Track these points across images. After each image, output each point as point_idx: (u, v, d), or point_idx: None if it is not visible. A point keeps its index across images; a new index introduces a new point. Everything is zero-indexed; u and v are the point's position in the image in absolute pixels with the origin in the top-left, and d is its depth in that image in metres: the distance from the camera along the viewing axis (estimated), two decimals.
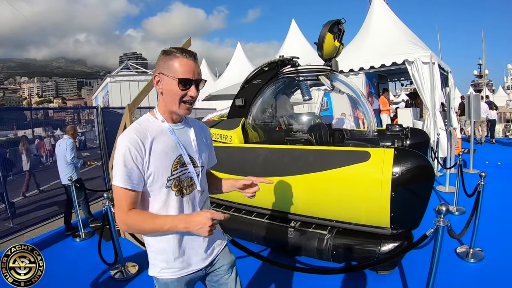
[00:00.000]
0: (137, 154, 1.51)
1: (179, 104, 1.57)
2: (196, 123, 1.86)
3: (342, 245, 3.39)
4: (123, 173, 1.50)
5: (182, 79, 1.52)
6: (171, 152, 1.61)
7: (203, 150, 1.80)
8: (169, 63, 1.55)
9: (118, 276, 4.00)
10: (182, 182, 1.65)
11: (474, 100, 8.56)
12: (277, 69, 4.74)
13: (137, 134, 1.54)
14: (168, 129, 1.64)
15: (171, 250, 1.65)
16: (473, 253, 3.80)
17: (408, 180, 3.05)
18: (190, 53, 1.56)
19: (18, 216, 6.79)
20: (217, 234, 1.78)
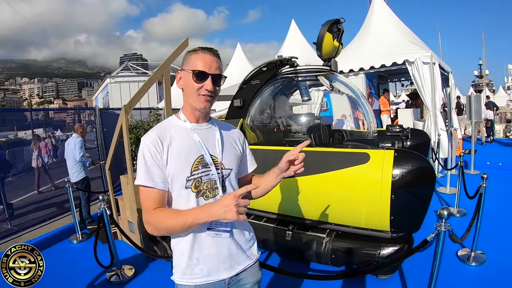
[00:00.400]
0: (156, 153, 1.50)
1: (196, 97, 1.55)
2: (225, 126, 1.80)
3: (341, 249, 3.33)
4: (144, 171, 1.50)
5: (197, 71, 1.51)
6: (192, 151, 1.56)
7: (230, 153, 1.69)
8: (188, 59, 1.56)
9: (114, 279, 3.97)
10: (204, 183, 1.57)
11: (475, 100, 8.51)
12: (275, 70, 4.69)
13: (156, 133, 1.55)
14: (189, 128, 1.60)
15: (190, 254, 1.56)
16: (474, 256, 3.75)
17: (409, 182, 2.99)
18: (209, 49, 1.57)
19: (16, 218, 6.78)
20: (246, 245, 1.69)
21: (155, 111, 9.06)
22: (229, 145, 1.71)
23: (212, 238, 1.56)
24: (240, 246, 1.65)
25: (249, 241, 1.73)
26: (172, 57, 4.62)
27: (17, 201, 7.89)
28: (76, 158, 5.86)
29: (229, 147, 1.70)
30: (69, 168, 6.00)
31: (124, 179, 4.61)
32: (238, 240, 1.64)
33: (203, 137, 1.61)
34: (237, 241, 1.63)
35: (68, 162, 6.02)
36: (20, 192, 8.80)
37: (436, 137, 7.71)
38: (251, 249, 1.73)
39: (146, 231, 1.52)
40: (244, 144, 1.84)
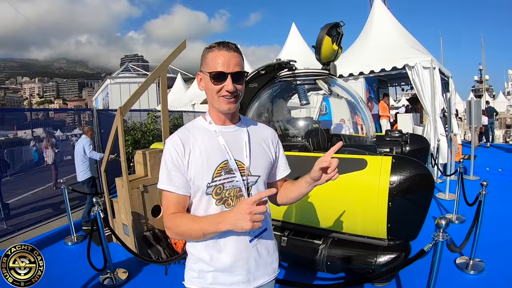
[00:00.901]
0: (178, 156, 1.43)
1: (218, 100, 1.44)
2: (257, 126, 1.67)
3: (337, 256, 3.28)
4: (165, 174, 1.45)
5: (213, 73, 1.40)
6: (215, 156, 1.46)
7: (259, 158, 1.56)
8: (204, 58, 1.46)
9: (107, 282, 3.93)
10: (227, 191, 1.47)
11: (475, 106, 8.48)
12: (274, 73, 4.66)
13: (180, 136, 1.47)
14: (214, 130, 1.50)
15: (207, 261, 1.48)
16: (473, 265, 3.69)
17: (407, 189, 2.94)
18: (225, 44, 1.43)
19: (12, 218, 6.73)
20: (268, 259, 1.58)
21: (153, 113, 9.00)
22: (258, 149, 1.59)
23: (233, 246, 1.46)
24: (262, 260, 1.55)
25: (272, 256, 1.63)
26: (169, 59, 4.58)
27: (13, 201, 7.83)
28: (86, 155, 6.12)
29: (258, 152, 1.58)
30: (77, 167, 6.22)
31: (119, 182, 4.56)
32: (261, 253, 1.54)
33: (229, 140, 1.50)
34: (259, 253, 1.53)
35: (76, 161, 6.23)
36: (18, 192, 8.76)
37: (436, 142, 7.67)
38: (272, 264, 1.62)
39: (140, 234, 1.47)
40: (278, 147, 1.70)
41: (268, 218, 1.63)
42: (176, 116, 12.51)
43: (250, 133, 1.57)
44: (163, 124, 4.78)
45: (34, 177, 10.82)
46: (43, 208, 7.56)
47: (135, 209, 4.37)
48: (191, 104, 17.92)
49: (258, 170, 1.54)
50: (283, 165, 1.72)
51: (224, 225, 1.27)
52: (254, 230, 1.43)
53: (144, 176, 4.74)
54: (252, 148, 1.54)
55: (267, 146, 1.62)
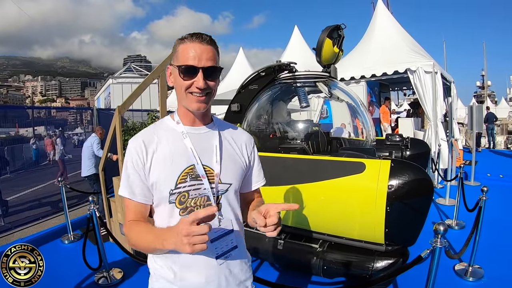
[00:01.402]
0: (138, 160, 1.30)
1: (187, 97, 1.30)
2: (231, 129, 1.52)
3: (334, 260, 3.24)
4: (124, 180, 1.34)
5: (183, 66, 1.26)
6: (180, 159, 1.31)
7: (231, 164, 1.41)
8: (175, 50, 1.32)
9: (102, 282, 3.91)
10: (192, 199, 1.32)
11: (477, 111, 8.44)
12: (274, 75, 4.63)
13: (143, 137, 1.35)
14: (181, 132, 1.36)
15: (172, 280, 1.34)
16: (472, 271, 3.65)
17: (405, 194, 2.90)
18: (198, 35, 1.28)
19: (10, 215, 6.74)
20: (242, 277, 1.43)
21: (153, 113, 9.01)
22: (231, 154, 1.44)
23: (202, 264, 1.32)
24: (234, 278, 1.39)
25: (245, 273, 1.47)
26: (168, 59, 4.55)
27: (12, 199, 7.81)
28: (94, 153, 6.38)
29: (230, 157, 1.43)
30: (83, 162, 6.47)
31: (116, 181, 4.54)
32: (232, 271, 1.38)
33: (198, 143, 1.36)
34: (231, 271, 1.38)
35: (83, 157, 6.48)
36: (17, 189, 8.75)
37: (437, 147, 7.63)
38: (245, 282, 1.46)
39: None
40: (253, 153, 1.55)
41: (240, 234, 1.45)
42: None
43: (222, 136, 1.44)
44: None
45: (34, 175, 10.83)
46: (42, 206, 7.58)
47: None
48: None
49: (229, 178, 1.39)
50: (258, 175, 1.58)
51: (168, 243, 1.12)
52: (221, 247, 1.33)
53: None
54: (224, 152, 1.41)
55: (241, 151, 1.48)
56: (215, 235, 1.32)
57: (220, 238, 1.34)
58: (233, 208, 1.43)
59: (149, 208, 1.37)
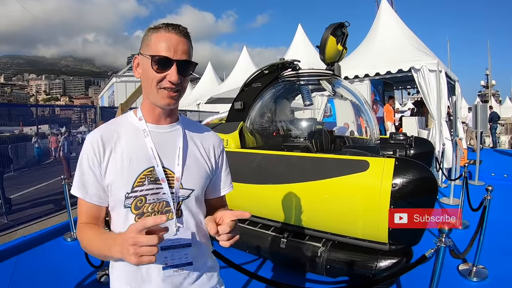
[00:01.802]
0: (94, 158, 1.19)
1: (157, 91, 1.18)
2: (198, 130, 1.41)
3: (337, 259, 3.21)
4: (78, 179, 1.22)
5: (156, 57, 1.15)
6: (139, 160, 1.21)
7: (195, 168, 1.30)
8: (147, 39, 1.20)
9: (104, 280, 3.90)
10: (150, 205, 1.21)
11: (482, 110, 8.39)
12: (277, 72, 4.61)
13: (101, 133, 1.23)
14: (143, 129, 1.25)
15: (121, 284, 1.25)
16: (476, 271, 3.61)
17: (409, 192, 2.86)
18: (175, 26, 1.18)
19: (13, 212, 6.76)
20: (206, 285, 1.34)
21: None
22: (195, 157, 1.33)
23: (149, 275, 1.22)
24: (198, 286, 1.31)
25: (208, 282, 1.36)
26: None
27: (15, 196, 7.83)
28: None
29: (194, 160, 1.32)
30: None
31: None
32: (192, 282, 1.29)
33: (160, 143, 1.26)
34: (190, 282, 1.29)
35: None
36: (21, 187, 8.76)
37: (441, 146, 7.59)
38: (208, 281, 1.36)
39: None
40: (221, 157, 1.43)
41: (200, 248, 1.34)
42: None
43: (188, 137, 1.34)
44: None
45: (37, 173, 10.85)
46: (45, 203, 7.56)
47: None
48: (196, 104, 17.93)
49: (192, 183, 1.28)
50: (225, 180, 1.46)
51: (115, 251, 1.03)
52: (171, 259, 1.21)
53: None
54: (187, 155, 1.30)
55: (207, 155, 1.36)
56: (168, 243, 1.21)
57: (174, 248, 1.22)
58: (195, 217, 1.32)
59: (104, 210, 1.27)
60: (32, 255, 4.74)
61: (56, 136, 11.50)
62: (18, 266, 4.37)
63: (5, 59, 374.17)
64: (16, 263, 4.46)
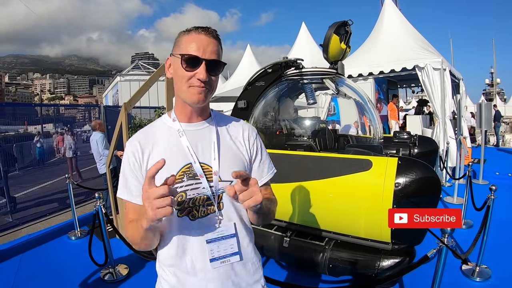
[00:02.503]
0: (135, 161, 1.27)
1: (187, 89, 1.23)
2: (230, 123, 1.44)
3: (339, 258, 3.21)
4: (122, 181, 1.30)
5: (187, 56, 1.20)
6: (176, 158, 1.26)
7: (231, 160, 1.33)
8: (178, 41, 1.27)
9: (108, 278, 3.94)
10: (191, 199, 1.26)
11: (486, 108, 8.34)
12: (281, 71, 4.60)
13: (140, 137, 1.32)
14: (177, 130, 1.31)
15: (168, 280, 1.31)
16: (479, 271, 3.61)
17: (412, 192, 2.85)
18: (205, 28, 1.25)
19: (18, 211, 6.83)
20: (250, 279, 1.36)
21: (160, 110, 9.00)
22: (230, 149, 1.36)
23: (199, 268, 1.27)
24: (235, 284, 1.32)
25: (252, 276, 1.38)
26: None
27: (20, 195, 7.88)
28: (100, 152, 6.28)
29: (229, 153, 1.35)
30: (96, 161, 6.47)
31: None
32: (233, 275, 1.31)
33: (195, 140, 1.30)
34: (230, 275, 1.31)
35: (94, 156, 6.47)
36: (25, 186, 8.83)
37: (445, 145, 7.56)
38: (258, 276, 1.41)
39: None
40: (255, 145, 1.44)
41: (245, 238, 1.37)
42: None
43: (221, 131, 1.37)
44: None
45: (42, 172, 10.91)
46: (49, 202, 7.64)
47: None
48: None
49: (230, 175, 1.18)
50: (263, 168, 1.45)
51: (142, 220, 1.09)
52: (217, 251, 1.26)
53: None
54: (222, 148, 1.33)
55: (242, 145, 1.40)
56: (212, 237, 1.26)
57: (219, 240, 1.27)
58: (237, 208, 1.34)
59: None
60: (37, 254, 4.78)
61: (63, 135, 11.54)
62: (23, 264, 4.41)
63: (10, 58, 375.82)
64: (21, 261, 4.50)
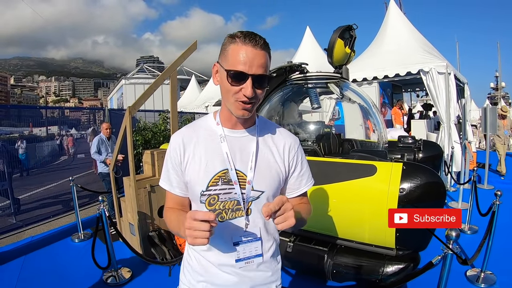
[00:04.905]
0: (176, 157, 1.35)
1: (233, 103, 1.24)
2: (271, 129, 1.44)
3: (343, 264, 3.19)
4: (164, 172, 1.43)
5: (232, 71, 1.18)
6: (215, 162, 1.31)
7: (267, 170, 1.36)
8: (224, 49, 1.24)
9: (110, 281, 3.93)
10: (222, 203, 1.32)
11: (491, 113, 8.29)
12: (285, 75, 4.60)
13: (183, 135, 1.37)
14: (219, 135, 1.34)
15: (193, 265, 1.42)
16: (484, 277, 3.58)
17: (417, 197, 2.84)
18: (252, 38, 1.19)
19: (22, 213, 6.81)
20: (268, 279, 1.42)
21: (164, 114, 9.00)
22: (268, 160, 1.37)
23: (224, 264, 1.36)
24: (254, 282, 1.39)
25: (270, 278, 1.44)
26: (179, 60, 4.55)
27: (24, 197, 7.89)
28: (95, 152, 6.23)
29: (267, 164, 1.36)
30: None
31: (127, 181, 4.55)
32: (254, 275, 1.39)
33: (235, 147, 1.34)
34: (252, 276, 1.39)
35: None
36: (30, 187, 8.84)
37: (450, 149, 7.52)
38: (276, 276, 1.47)
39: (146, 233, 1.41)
40: (295, 157, 1.44)
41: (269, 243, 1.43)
42: (188, 117, 12.51)
43: (261, 142, 1.39)
44: (172, 125, 4.77)
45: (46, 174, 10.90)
46: (53, 204, 7.62)
47: (141, 208, 4.36)
48: (205, 106, 17.96)
49: (263, 185, 1.34)
50: (299, 182, 1.47)
51: (183, 231, 1.13)
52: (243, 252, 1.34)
53: (152, 176, 4.73)
54: (259, 159, 1.35)
55: (280, 157, 1.40)
56: (239, 239, 1.34)
57: (245, 243, 1.35)
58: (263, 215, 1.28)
59: (186, 200, 1.43)
60: (40, 255, 4.78)
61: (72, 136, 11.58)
62: (26, 266, 4.42)
63: (15, 60, 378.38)
64: (24, 263, 4.50)
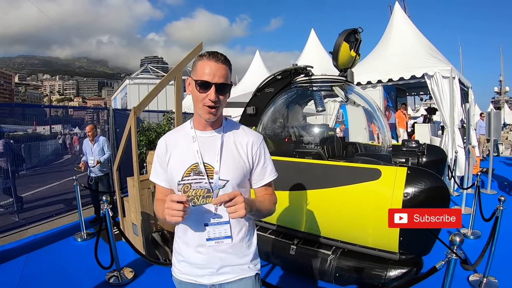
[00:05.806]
0: (162, 155, 1.69)
1: (201, 108, 1.56)
2: (237, 130, 1.75)
3: (346, 267, 3.19)
4: (153, 169, 1.76)
5: (199, 81, 1.52)
6: (188, 158, 1.63)
7: (230, 162, 1.64)
8: (194, 65, 1.59)
9: (113, 281, 3.94)
10: (194, 190, 1.60)
11: (495, 117, 8.26)
12: (290, 78, 4.60)
13: (166, 138, 1.73)
14: (192, 136, 1.67)
15: (179, 251, 1.70)
16: (487, 283, 3.57)
17: (421, 202, 2.84)
18: (214, 55, 1.54)
19: (25, 211, 6.83)
20: (242, 254, 1.68)
21: (168, 115, 9.03)
22: (232, 154, 1.66)
23: (198, 243, 1.62)
24: (226, 260, 1.64)
25: (243, 257, 1.69)
26: (184, 61, 4.56)
27: (27, 195, 7.91)
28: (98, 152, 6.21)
29: (231, 157, 1.65)
30: None
31: (131, 181, 4.56)
32: (224, 253, 1.63)
33: (204, 145, 1.65)
34: (222, 253, 1.63)
35: None
36: (33, 186, 8.85)
37: (453, 154, 7.50)
38: (247, 259, 1.70)
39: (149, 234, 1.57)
40: (258, 151, 1.72)
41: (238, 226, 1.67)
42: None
43: (226, 139, 1.68)
44: (176, 126, 4.77)
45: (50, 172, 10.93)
46: (56, 203, 7.63)
47: (144, 209, 4.37)
48: None
49: (227, 175, 1.62)
50: (261, 173, 1.74)
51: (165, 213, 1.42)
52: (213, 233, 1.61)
53: None
54: (224, 153, 1.64)
55: (244, 152, 1.69)
56: (208, 221, 1.61)
57: (214, 225, 1.61)
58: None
59: (171, 191, 1.70)
60: (42, 254, 4.80)
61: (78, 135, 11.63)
62: (28, 264, 4.44)
63: (20, 59, 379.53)
64: (26, 261, 4.52)
